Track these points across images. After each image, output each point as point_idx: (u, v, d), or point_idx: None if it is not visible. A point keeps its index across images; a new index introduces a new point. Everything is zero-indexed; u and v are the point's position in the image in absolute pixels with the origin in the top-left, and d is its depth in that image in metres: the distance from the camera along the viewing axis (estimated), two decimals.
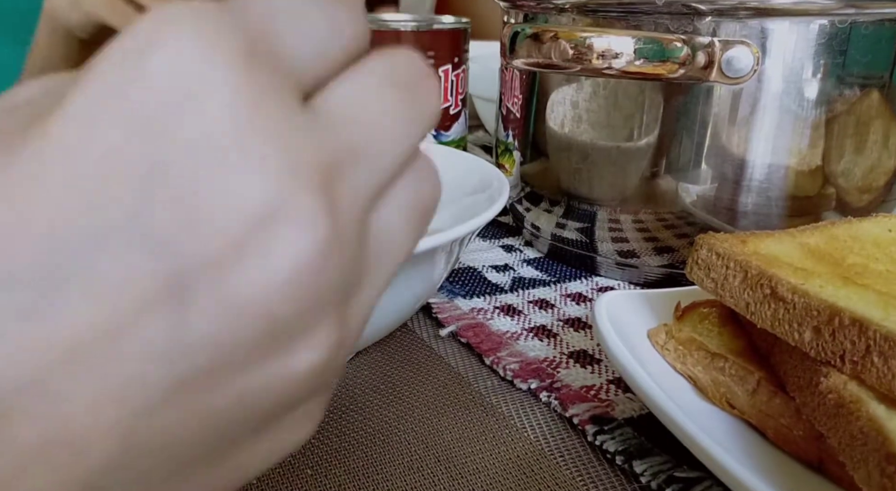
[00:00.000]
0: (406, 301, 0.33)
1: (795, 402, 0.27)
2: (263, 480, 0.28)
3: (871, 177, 0.42)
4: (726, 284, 0.29)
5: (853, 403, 0.23)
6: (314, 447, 0.30)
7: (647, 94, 0.41)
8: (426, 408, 0.33)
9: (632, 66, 0.37)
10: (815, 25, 0.37)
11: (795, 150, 0.40)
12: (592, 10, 0.41)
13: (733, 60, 0.37)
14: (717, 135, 0.40)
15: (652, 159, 0.42)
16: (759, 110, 0.39)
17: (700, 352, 0.30)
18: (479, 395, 0.34)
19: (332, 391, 0.15)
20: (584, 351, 0.37)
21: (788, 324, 0.26)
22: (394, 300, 0.32)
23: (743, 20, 0.38)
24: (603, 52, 0.37)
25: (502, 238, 0.54)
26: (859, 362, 0.24)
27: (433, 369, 0.36)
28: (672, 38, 0.37)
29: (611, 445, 0.29)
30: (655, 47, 0.37)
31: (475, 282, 0.46)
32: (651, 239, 0.43)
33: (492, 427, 0.31)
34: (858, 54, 0.38)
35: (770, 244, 0.31)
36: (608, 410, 0.32)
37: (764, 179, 0.40)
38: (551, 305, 0.43)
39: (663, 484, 0.27)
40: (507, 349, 0.37)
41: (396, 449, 0.30)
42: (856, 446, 0.22)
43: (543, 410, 0.33)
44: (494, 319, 0.41)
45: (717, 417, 0.28)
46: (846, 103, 0.39)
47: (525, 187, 0.50)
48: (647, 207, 0.43)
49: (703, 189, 0.41)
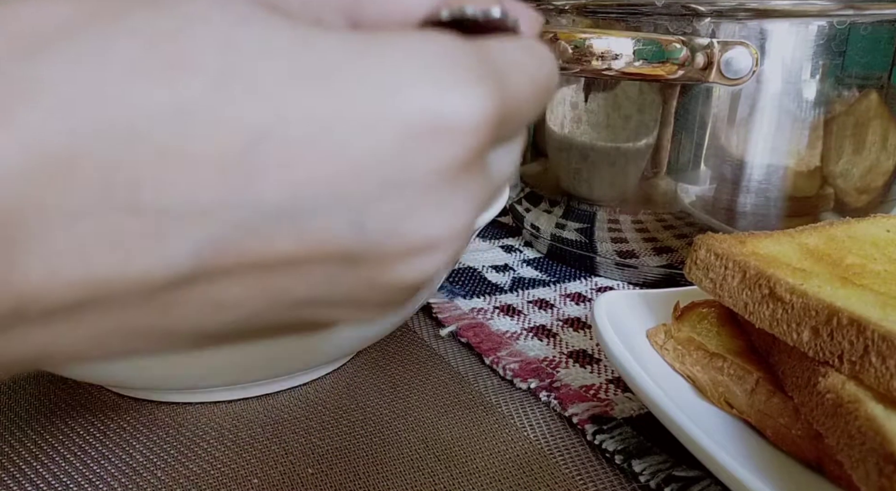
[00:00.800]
0: None
1: (794, 401, 0.27)
2: (264, 480, 0.28)
3: (870, 177, 0.42)
4: (725, 284, 0.29)
5: (851, 402, 0.23)
6: (315, 447, 0.30)
7: (646, 95, 0.41)
8: (426, 407, 0.33)
9: (631, 68, 0.37)
10: (813, 26, 0.38)
11: (794, 150, 0.40)
12: (592, 11, 0.41)
13: (732, 61, 0.38)
14: (716, 136, 0.40)
15: (651, 160, 0.42)
16: (757, 111, 0.39)
17: (699, 352, 0.30)
18: (479, 394, 0.34)
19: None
20: (583, 351, 0.38)
21: (787, 324, 0.26)
22: None
23: (742, 21, 0.38)
24: (602, 54, 0.37)
25: (502, 238, 0.54)
26: (857, 362, 0.24)
27: (433, 369, 0.36)
28: (671, 40, 0.37)
29: (610, 445, 0.30)
30: (655, 48, 0.37)
31: (475, 282, 0.46)
32: (650, 239, 0.44)
33: (492, 426, 0.32)
34: (857, 55, 0.38)
35: (768, 245, 0.31)
36: (607, 410, 0.32)
37: (763, 180, 0.40)
38: (551, 305, 0.43)
39: (662, 483, 0.27)
40: (506, 349, 0.37)
41: (396, 448, 0.30)
42: (854, 446, 0.22)
43: (543, 410, 0.33)
44: (494, 318, 0.41)
45: (715, 417, 0.28)
46: (845, 104, 0.39)
47: (525, 188, 0.50)
48: (647, 208, 0.43)
49: (702, 190, 0.41)
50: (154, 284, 0.12)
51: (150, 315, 0.13)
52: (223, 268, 0.12)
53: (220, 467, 0.29)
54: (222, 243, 0.12)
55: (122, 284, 0.12)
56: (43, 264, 0.11)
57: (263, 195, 0.12)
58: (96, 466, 0.29)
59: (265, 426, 0.31)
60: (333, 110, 0.12)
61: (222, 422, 0.32)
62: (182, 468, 0.29)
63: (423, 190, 0.13)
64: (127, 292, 0.12)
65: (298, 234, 0.12)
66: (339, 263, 0.13)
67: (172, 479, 0.28)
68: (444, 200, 0.13)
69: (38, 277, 0.11)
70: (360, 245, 0.13)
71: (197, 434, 0.31)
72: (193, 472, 0.28)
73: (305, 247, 0.13)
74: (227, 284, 0.13)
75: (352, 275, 0.14)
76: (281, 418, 0.32)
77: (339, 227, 0.13)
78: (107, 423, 0.32)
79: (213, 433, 0.31)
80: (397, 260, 0.14)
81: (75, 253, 0.11)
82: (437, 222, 0.14)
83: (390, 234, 0.13)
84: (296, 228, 0.12)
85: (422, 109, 0.12)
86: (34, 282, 0.11)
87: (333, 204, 0.12)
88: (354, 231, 0.13)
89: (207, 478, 0.28)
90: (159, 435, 0.31)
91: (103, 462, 0.29)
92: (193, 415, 0.32)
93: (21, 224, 0.11)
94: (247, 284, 0.13)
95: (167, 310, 0.13)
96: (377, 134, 0.12)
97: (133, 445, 0.30)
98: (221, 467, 0.29)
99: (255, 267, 0.13)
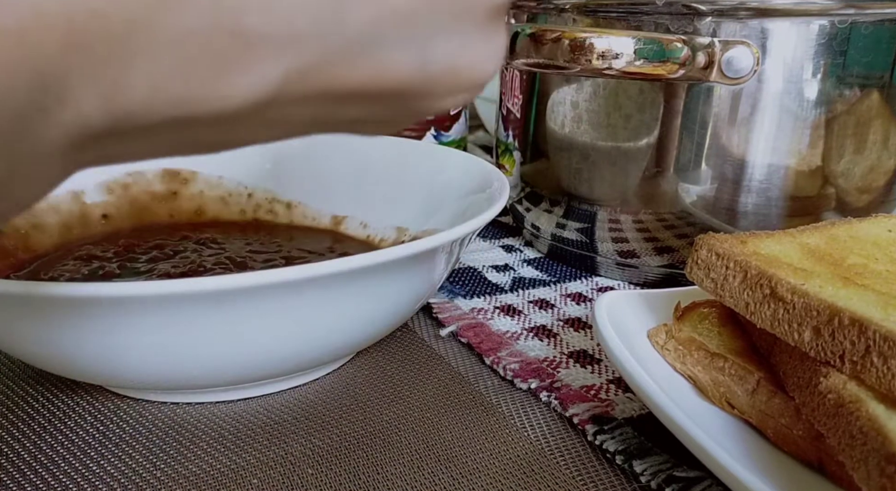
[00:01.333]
0: (406, 301, 0.33)
1: (795, 402, 0.27)
2: (264, 481, 0.28)
3: (871, 177, 0.42)
4: (726, 284, 0.29)
5: (853, 402, 0.23)
6: (315, 447, 0.30)
7: (647, 95, 0.41)
8: (426, 408, 0.33)
9: (632, 67, 0.37)
10: (815, 26, 0.38)
11: (795, 150, 0.40)
12: (592, 10, 0.41)
13: (733, 61, 0.37)
14: (717, 135, 0.40)
15: (652, 159, 0.42)
16: (759, 110, 0.39)
17: (700, 352, 0.30)
18: (479, 394, 0.34)
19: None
20: (584, 351, 0.37)
21: (788, 324, 0.26)
22: (394, 300, 0.32)
23: (743, 20, 0.38)
24: (603, 53, 0.37)
25: (502, 238, 0.54)
26: (859, 362, 0.24)
27: (433, 369, 0.36)
28: (672, 39, 0.37)
29: (611, 445, 0.29)
30: (655, 48, 0.37)
31: (475, 282, 0.46)
32: (651, 239, 0.44)
33: (492, 427, 0.32)
34: (858, 54, 0.38)
35: (770, 244, 0.31)
36: (608, 410, 0.32)
37: (764, 180, 0.40)
38: (551, 304, 0.43)
39: (663, 483, 0.27)
40: (507, 349, 0.37)
41: (397, 449, 0.30)
42: (855, 446, 0.22)
43: (543, 410, 0.33)
44: (494, 318, 0.41)
45: (716, 417, 0.28)
46: (846, 103, 0.39)
47: (525, 187, 0.50)
48: (647, 208, 0.43)
49: (703, 189, 0.41)
50: (239, 106, 0.13)
51: (220, 131, 0.14)
52: (301, 94, 0.13)
53: (220, 467, 0.29)
54: (308, 70, 0.13)
55: (212, 104, 0.12)
56: (147, 83, 0.11)
57: (351, 24, 0.13)
58: (96, 466, 0.29)
59: (265, 426, 0.31)
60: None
61: (222, 422, 0.32)
62: (182, 468, 0.29)
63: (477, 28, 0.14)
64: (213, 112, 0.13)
65: (373, 65, 0.14)
66: (398, 96, 0.15)
67: (172, 479, 0.28)
68: (490, 40, 0.15)
69: (141, 96, 0.11)
70: (422, 79, 0.14)
71: (196, 434, 0.31)
72: (193, 472, 0.28)
73: (377, 78, 0.14)
74: (298, 109, 0.14)
75: (401, 105, 0.15)
76: (281, 418, 0.32)
77: (407, 59, 0.14)
78: (107, 423, 0.32)
79: (213, 433, 0.31)
80: (445, 95, 0.15)
81: (178, 73, 0.12)
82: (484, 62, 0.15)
83: (446, 71, 0.15)
84: (372, 60, 0.13)
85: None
86: (136, 100, 0.12)
87: (406, 37, 0.13)
88: (420, 64, 0.14)
89: (207, 478, 0.28)
90: (159, 435, 0.31)
91: (103, 462, 0.29)
92: (193, 415, 0.32)
93: (129, 43, 0.11)
94: (315, 109, 0.14)
95: (235, 126, 0.14)
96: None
97: (133, 445, 0.30)
98: (221, 467, 0.29)
99: (329, 96, 0.14)
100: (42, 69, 0.10)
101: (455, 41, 0.14)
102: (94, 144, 0.12)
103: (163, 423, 0.32)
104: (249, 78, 0.12)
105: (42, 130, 0.11)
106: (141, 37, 0.11)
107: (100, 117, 0.11)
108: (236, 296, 0.27)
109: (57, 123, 0.11)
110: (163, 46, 0.11)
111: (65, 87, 0.11)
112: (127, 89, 0.11)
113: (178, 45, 0.11)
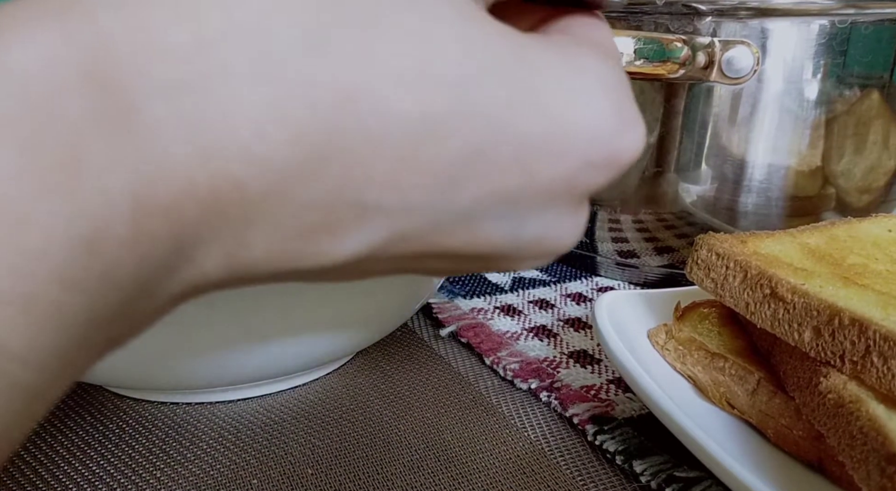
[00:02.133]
0: (406, 301, 0.33)
1: (795, 402, 0.27)
2: (264, 481, 0.28)
3: (871, 177, 0.42)
4: (726, 284, 0.29)
5: (853, 402, 0.23)
6: (315, 447, 0.30)
7: (647, 94, 0.41)
8: (426, 408, 0.33)
9: (632, 67, 0.37)
10: (815, 25, 0.38)
11: (795, 150, 0.40)
12: None
13: (733, 60, 0.37)
14: (717, 135, 0.40)
15: (652, 159, 0.42)
16: (759, 110, 0.39)
17: (700, 352, 0.30)
18: (479, 395, 0.34)
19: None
20: (584, 351, 0.37)
21: (788, 324, 0.26)
22: (394, 300, 0.32)
23: (743, 20, 0.38)
24: None
25: None
26: (859, 362, 0.24)
27: (433, 369, 0.36)
28: (672, 39, 0.37)
29: (611, 445, 0.29)
30: (656, 47, 0.37)
31: (475, 282, 0.46)
32: (651, 239, 0.43)
33: (492, 427, 0.32)
34: (858, 54, 0.38)
35: (770, 244, 0.31)
36: (608, 410, 0.32)
37: (764, 180, 0.40)
38: (551, 304, 0.43)
39: (663, 483, 0.27)
40: (507, 349, 0.37)
41: (397, 449, 0.30)
42: (855, 446, 0.22)
43: (543, 410, 0.33)
44: (494, 319, 0.41)
45: (716, 417, 0.28)
46: (846, 103, 0.39)
47: None
48: (648, 208, 0.43)
49: (704, 189, 0.41)
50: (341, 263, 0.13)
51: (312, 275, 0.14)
52: (396, 253, 0.14)
53: (220, 467, 0.29)
54: (410, 236, 0.14)
55: (318, 260, 0.13)
56: (265, 245, 0.12)
57: (460, 201, 0.13)
58: (96, 466, 0.29)
59: (265, 426, 0.31)
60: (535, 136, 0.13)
61: (222, 422, 0.32)
62: (182, 468, 0.29)
63: (569, 206, 0.15)
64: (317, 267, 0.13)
65: (470, 233, 0.14)
66: (484, 258, 0.15)
67: (172, 479, 0.28)
68: (577, 214, 0.16)
69: (259, 254, 0.12)
70: (511, 248, 0.15)
71: (196, 434, 0.31)
72: (193, 472, 0.28)
73: (470, 245, 0.14)
74: (386, 262, 0.14)
75: (483, 264, 0.16)
76: (281, 418, 0.32)
77: (503, 231, 0.14)
78: (107, 423, 0.32)
79: (213, 433, 0.31)
80: (527, 259, 0.16)
81: (296, 237, 0.12)
82: (570, 235, 0.16)
83: (534, 241, 0.15)
84: (470, 229, 0.14)
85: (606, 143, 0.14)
86: (254, 257, 0.12)
87: (506, 212, 0.14)
88: (513, 236, 0.15)
89: (207, 478, 0.28)
90: (159, 435, 0.31)
91: (103, 462, 0.29)
92: (193, 415, 0.32)
93: (259, 209, 0.12)
94: (401, 262, 0.15)
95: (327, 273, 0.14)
96: (565, 162, 0.14)
97: (133, 445, 0.30)
98: (221, 467, 0.29)
99: (421, 255, 0.14)
100: (179, 235, 0.11)
101: (549, 216, 0.15)
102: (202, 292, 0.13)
103: (163, 423, 0.32)
104: (357, 239, 0.13)
105: (166, 286, 0.12)
106: (271, 204, 0.12)
107: (218, 273, 0.12)
108: (236, 296, 0.27)
109: (180, 280, 0.12)
110: (288, 214, 0.12)
111: (195, 249, 0.11)
112: (248, 249, 0.12)
113: (302, 212, 0.12)
